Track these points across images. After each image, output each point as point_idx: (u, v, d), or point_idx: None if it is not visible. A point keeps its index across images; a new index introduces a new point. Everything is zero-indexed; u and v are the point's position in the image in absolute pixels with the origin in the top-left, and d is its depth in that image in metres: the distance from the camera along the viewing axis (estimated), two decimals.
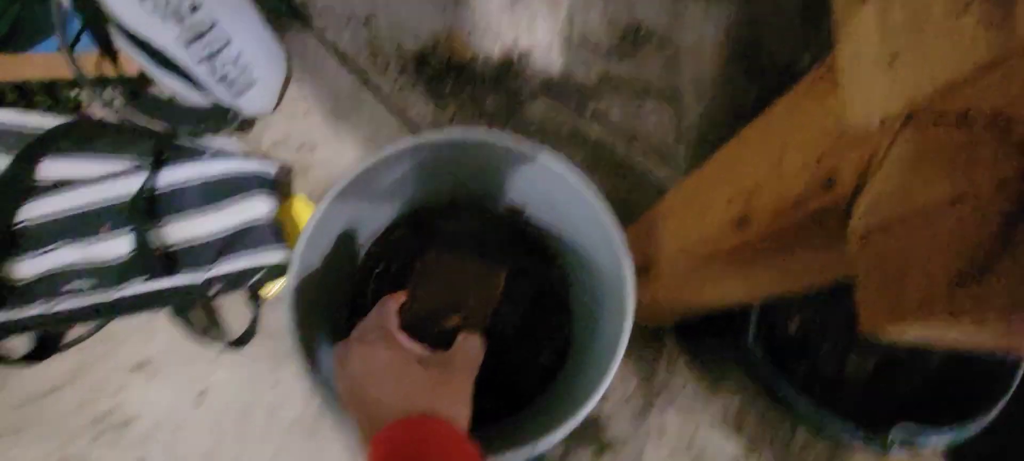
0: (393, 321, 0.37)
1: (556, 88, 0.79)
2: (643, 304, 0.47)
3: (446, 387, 0.31)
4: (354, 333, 0.36)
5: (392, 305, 0.38)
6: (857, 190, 0.20)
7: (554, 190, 0.47)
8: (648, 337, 0.69)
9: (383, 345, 0.33)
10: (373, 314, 0.38)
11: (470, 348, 0.36)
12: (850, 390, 0.49)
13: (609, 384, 0.40)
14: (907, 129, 0.17)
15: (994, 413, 0.41)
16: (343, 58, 0.76)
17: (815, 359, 0.49)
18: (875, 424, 0.42)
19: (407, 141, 0.41)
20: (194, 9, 0.56)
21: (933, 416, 0.41)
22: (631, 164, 0.76)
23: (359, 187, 0.44)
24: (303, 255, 0.41)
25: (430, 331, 0.38)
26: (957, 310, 0.15)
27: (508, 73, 0.79)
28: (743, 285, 0.35)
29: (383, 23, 0.80)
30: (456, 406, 0.30)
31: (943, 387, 0.47)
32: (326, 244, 0.47)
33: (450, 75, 0.79)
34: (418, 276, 0.41)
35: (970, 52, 0.14)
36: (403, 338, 0.36)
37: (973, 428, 0.41)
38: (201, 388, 0.67)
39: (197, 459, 0.64)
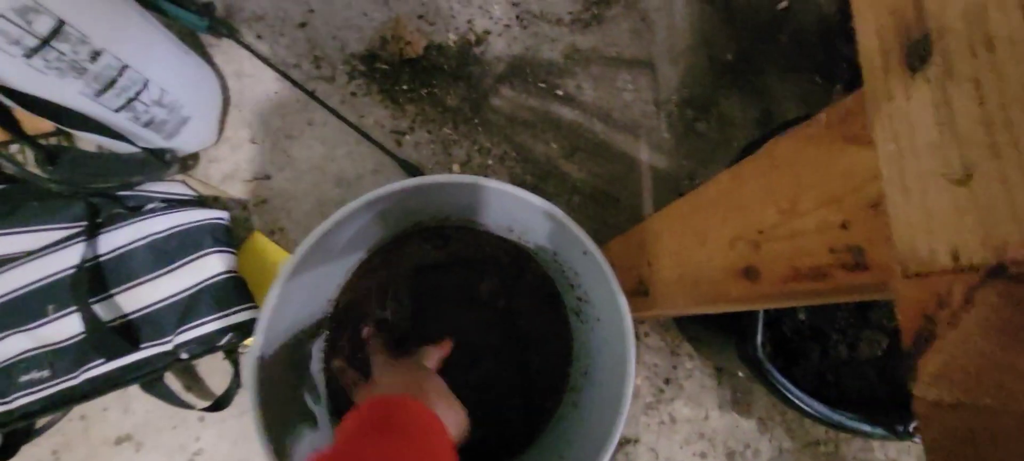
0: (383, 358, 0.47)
1: (522, 71, 0.72)
2: (640, 311, 0.44)
3: (418, 380, 0.40)
4: (378, 370, 0.46)
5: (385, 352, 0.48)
6: (928, 335, 0.15)
7: (521, 212, 0.42)
8: (650, 331, 0.66)
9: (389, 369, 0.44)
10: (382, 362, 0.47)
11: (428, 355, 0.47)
12: (865, 370, 0.47)
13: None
14: (995, 284, 0.13)
15: None
16: (284, 70, 0.68)
17: (826, 345, 0.47)
18: (893, 402, 0.40)
19: (356, 203, 0.36)
20: (95, 57, 0.48)
21: None
22: (612, 145, 0.71)
23: (313, 257, 0.39)
24: (263, 347, 0.36)
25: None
26: None
27: (467, 61, 0.73)
28: (750, 305, 0.32)
29: (321, 24, 0.72)
30: (423, 389, 0.39)
31: None
32: (290, 313, 0.42)
33: (404, 72, 0.72)
34: None
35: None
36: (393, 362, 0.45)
37: None
38: (193, 451, 0.63)
39: None
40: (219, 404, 0.61)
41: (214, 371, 0.65)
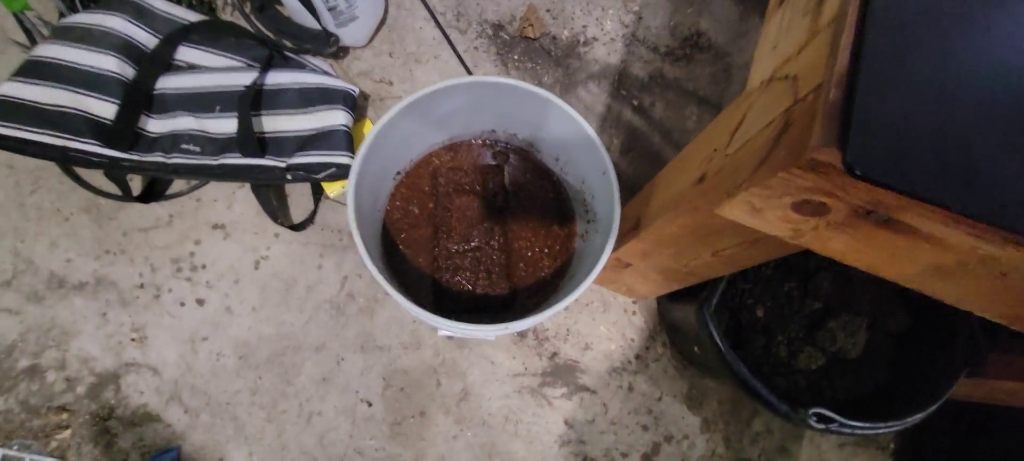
0: None
1: (611, 77, 0.86)
2: (634, 268, 0.54)
3: None
4: None
5: None
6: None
7: (572, 140, 0.55)
8: (637, 311, 0.75)
9: None
10: None
11: None
12: (798, 377, 0.53)
13: (586, 287, 0.48)
14: (764, 87, 0.25)
15: (909, 423, 0.45)
16: (432, 13, 0.87)
17: (771, 344, 0.54)
18: (802, 401, 0.46)
19: (462, 79, 0.50)
20: None
21: (868, 417, 0.46)
22: (663, 156, 0.82)
23: (418, 109, 0.54)
24: (367, 152, 0.51)
25: None
26: (748, 200, 0.23)
27: (571, 55, 0.88)
28: (703, 250, 0.42)
29: None
30: None
31: (884, 396, 0.51)
32: (382, 152, 0.57)
33: (520, 46, 0.88)
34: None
35: (799, 37, 0.22)
36: None
37: (884, 429, 0.45)
38: (261, 255, 0.80)
39: (245, 310, 0.78)
40: (295, 227, 0.78)
41: (298, 205, 0.82)
